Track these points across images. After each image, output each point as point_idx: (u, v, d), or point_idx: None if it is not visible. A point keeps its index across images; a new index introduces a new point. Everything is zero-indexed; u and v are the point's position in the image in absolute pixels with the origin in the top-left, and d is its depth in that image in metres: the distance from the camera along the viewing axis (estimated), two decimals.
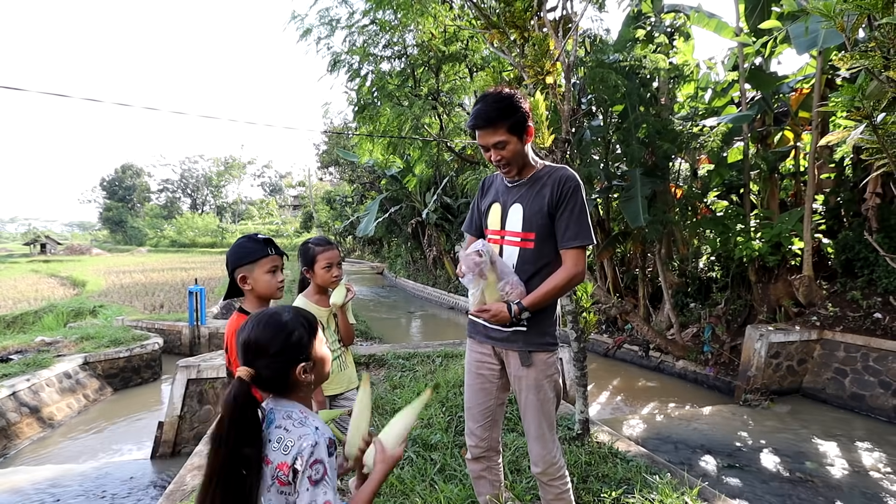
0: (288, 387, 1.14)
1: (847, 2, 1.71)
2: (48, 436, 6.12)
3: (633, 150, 7.36)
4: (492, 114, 1.69)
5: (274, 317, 1.13)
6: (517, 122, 1.70)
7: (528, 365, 1.80)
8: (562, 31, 3.51)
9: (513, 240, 1.83)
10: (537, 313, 1.79)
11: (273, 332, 1.11)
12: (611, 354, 8.69)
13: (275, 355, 1.10)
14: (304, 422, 1.09)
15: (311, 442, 1.04)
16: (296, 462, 1.03)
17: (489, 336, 1.88)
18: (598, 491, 2.64)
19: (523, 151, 1.77)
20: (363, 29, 10.52)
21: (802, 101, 7.68)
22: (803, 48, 5.68)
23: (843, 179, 7.90)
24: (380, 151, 12.86)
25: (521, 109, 1.71)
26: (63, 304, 12.84)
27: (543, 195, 1.76)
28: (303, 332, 1.14)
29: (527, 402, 1.85)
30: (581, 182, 1.78)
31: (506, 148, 1.72)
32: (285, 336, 1.11)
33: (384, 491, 2.72)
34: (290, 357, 1.12)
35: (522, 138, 1.73)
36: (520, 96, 1.73)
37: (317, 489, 1.03)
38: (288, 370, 1.12)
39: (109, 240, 60.52)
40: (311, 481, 1.03)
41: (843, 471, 4.53)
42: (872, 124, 1.91)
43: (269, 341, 1.10)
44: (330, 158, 32.26)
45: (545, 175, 1.80)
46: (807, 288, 6.85)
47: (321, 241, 2.29)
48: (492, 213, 1.91)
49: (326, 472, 1.05)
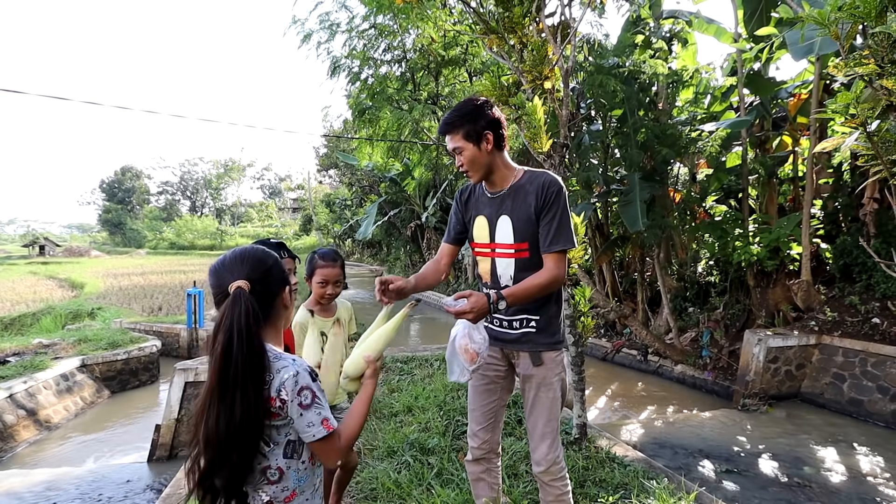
0: (270, 314, 1.17)
1: (841, 10, 1.72)
2: (45, 438, 6.10)
3: (632, 155, 7.38)
4: (450, 120, 1.75)
5: (265, 245, 1.25)
6: (474, 129, 1.73)
7: (538, 364, 1.86)
8: (560, 36, 3.53)
9: (505, 252, 1.86)
10: (545, 316, 1.85)
11: (266, 253, 1.19)
12: (609, 358, 8.68)
13: (270, 270, 1.17)
14: (279, 357, 1.12)
15: (291, 373, 1.09)
16: (281, 393, 1.07)
17: (498, 339, 1.91)
18: (596, 496, 2.63)
19: (482, 159, 1.77)
20: (363, 33, 10.55)
21: (801, 106, 7.71)
22: (800, 55, 5.70)
23: (841, 184, 7.92)
24: (379, 155, 12.90)
25: (483, 118, 1.74)
26: (61, 307, 12.83)
27: (529, 203, 1.79)
28: (283, 265, 1.23)
29: (535, 399, 1.89)
30: (563, 185, 1.80)
31: (462, 154, 1.76)
32: (275, 260, 1.21)
33: (381, 495, 2.72)
34: (280, 277, 1.19)
35: (480, 146, 1.75)
36: (488, 106, 1.76)
37: (308, 412, 1.09)
38: (277, 291, 1.18)
39: (108, 242, 60.49)
40: (302, 406, 1.08)
41: (841, 476, 4.53)
42: (867, 131, 1.92)
43: (265, 256, 1.18)
44: (329, 161, 32.32)
45: (527, 182, 1.82)
46: (805, 293, 6.86)
47: (327, 254, 2.24)
48: (477, 226, 1.93)
49: (315, 395, 1.11)
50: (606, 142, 8.33)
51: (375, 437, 3.46)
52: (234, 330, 1.04)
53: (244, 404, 1.02)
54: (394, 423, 3.67)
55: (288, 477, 1.13)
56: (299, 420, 1.09)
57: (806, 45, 5.35)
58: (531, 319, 1.85)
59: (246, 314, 1.05)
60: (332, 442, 1.14)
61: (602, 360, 8.78)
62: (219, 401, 1.02)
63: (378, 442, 3.37)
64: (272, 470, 1.11)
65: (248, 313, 1.06)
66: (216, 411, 1.02)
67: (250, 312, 1.06)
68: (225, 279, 1.12)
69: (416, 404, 4.01)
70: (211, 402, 1.03)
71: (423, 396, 4.16)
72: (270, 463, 1.11)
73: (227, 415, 1.02)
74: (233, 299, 1.07)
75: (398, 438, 3.33)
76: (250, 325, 1.05)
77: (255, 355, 1.05)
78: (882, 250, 6.42)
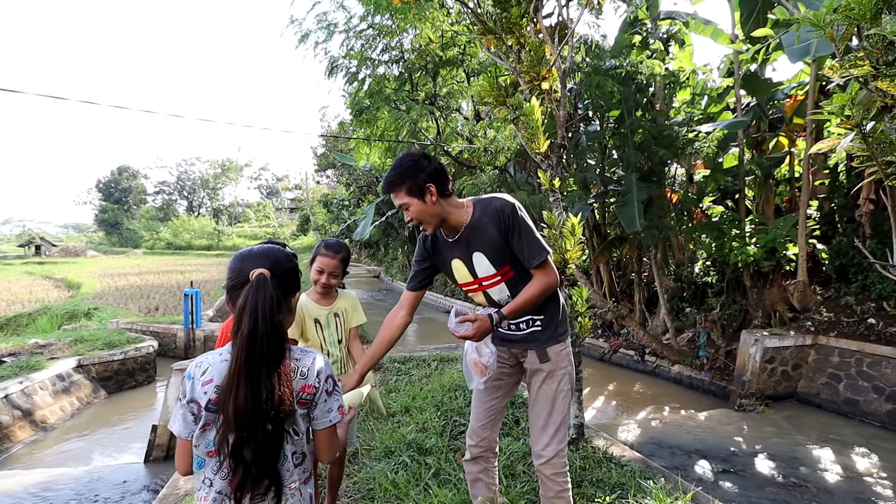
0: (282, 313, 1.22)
1: (836, 12, 1.73)
2: (41, 439, 6.07)
3: (629, 156, 7.40)
4: (391, 179, 1.77)
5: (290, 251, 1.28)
6: (415, 184, 1.75)
7: (545, 360, 1.92)
8: (558, 37, 3.54)
9: (493, 281, 1.90)
10: (548, 314, 1.92)
11: (290, 258, 1.25)
12: (606, 359, 8.70)
13: (289, 272, 1.22)
14: (304, 350, 1.22)
15: (323, 363, 1.21)
16: (317, 381, 1.18)
17: (505, 339, 1.98)
18: (593, 496, 2.64)
19: (431, 210, 1.79)
20: (360, 33, 10.54)
21: (797, 107, 7.74)
22: (796, 56, 5.73)
23: (837, 185, 7.96)
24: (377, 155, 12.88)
25: (422, 171, 1.76)
26: (57, 307, 12.78)
27: (492, 233, 1.82)
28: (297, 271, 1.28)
29: (539, 391, 1.94)
30: (514, 202, 1.83)
31: (410, 209, 1.78)
32: (296, 266, 1.26)
33: (378, 495, 2.72)
34: (295, 280, 1.24)
35: (425, 199, 1.77)
36: (425, 158, 1.79)
37: (331, 398, 1.21)
38: (290, 292, 1.23)
39: (105, 242, 60.21)
40: (327, 393, 1.20)
41: (838, 476, 4.55)
42: (862, 132, 1.94)
43: (288, 260, 1.23)
44: (327, 162, 32.28)
45: (481, 215, 1.84)
46: (801, 293, 6.88)
47: (332, 245, 2.28)
48: (455, 269, 1.95)
49: (336, 384, 1.23)
50: (604, 142, 8.35)
51: (373, 438, 3.45)
52: (258, 312, 1.08)
53: (269, 384, 1.08)
54: (391, 424, 3.67)
55: (308, 460, 1.22)
56: (322, 405, 1.19)
57: (802, 47, 5.38)
58: (536, 320, 1.92)
59: (270, 299, 1.10)
60: (336, 433, 1.24)
61: (599, 360, 8.79)
62: (247, 380, 1.07)
63: (375, 442, 3.37)
64: (297, 454, 1.19)
65: (272, 298, 1.10)
66: (245, 390, 1.06)
67: (274, 298, 1.11)
68: (247, 266, 1.16)
69: (413, 405, 4.01)
70: (239, 382, 1.07)
71: (421, 397, 4.17)
72: (297, 449, 1.19)
73: (254, 393, 1.07)
74: (256, 284, 1.11)
75: (395, 439, 3.33)
76: (274, 309, 1.10)
77: (278, 338, 1.11)
78: (877, 251, 6.45)
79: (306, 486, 1.22)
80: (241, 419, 1.06)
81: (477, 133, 10.57)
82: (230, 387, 1.07)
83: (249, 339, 1.07)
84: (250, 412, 1.06)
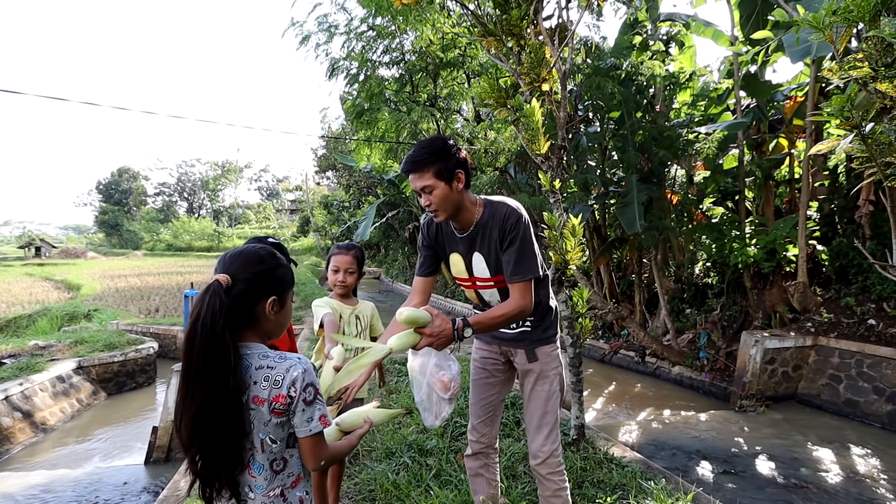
0: (251, 318, 1.17)
1: (835, 14, 1.74)
2: (41, 441, 6.07)
3: (630, 157, 7.41)
4: (420, 158, 1.68)
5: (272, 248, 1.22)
6: (445, 167, 1.68)
7: (533, 360, 1.94)
8: (558, 39, 3.55)
9: (486, 284, 1.91)
10: (539, 315, 1.93)
11: (262, 258, 1.18)
12: (607, 360, 8.70)
13: (261, 273, 1.16)
14: (283, 356, 1.16)
15: (300, 370, 1.13)
16: (290, 390, 1.12)
17: (496, 337, 2.01)
18: (594, 496, 2.64)
19: (454, 198, 1.73)
20: (361, 35, 10.56)
21: (797, 108, 7.75)
22: (797, 57, 5.74)
23: (837, 187, 7.96)
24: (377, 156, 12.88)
25: (452, 156, 1.70)
26: (57, 308, 12.77)
27: (494, 238, 1.79)
28: (286, 275, 1.22)
29: (531, 392, 1.96)
30: (523, 213, 1.78)
31: (433, 193, 1.69)
32: (276, 265, 1.20)
33: (379, 496, 2.72)
34: (269, 283, 1.17)
35: (452, 184, 1.71)
36: (453, 143, 1.73)
37: (311, 408, 1.14)
38: (261, 297, 1.16)
39: (105, 243, 60.24)
40: (306, 402, 1.14)
41: (838, 477, 4.54)
42: (862, 134, 1.94)
43: (260, 259, 1.17)
44: (327, 163, 32.26)
45: (489, 218, 1.79)
46: (801, 294, 6.88)
47: (343, 244, 2.37)
48: (454, 263, 1.95)
49: (318, 392, 1.16)
50: (604, 144, 8.36)
51: (374, 439, 3.46)
52: (198, 321, 1.06)
53: (204, 394, 1.05)
54: (392, 425, 3.67)
55: (291, 464, 1.19)
56: (300, 415, 1.14)
57: (802, 48, 5.39)
58: (527, 319, 1.92)
59: (210, 307, 1.06)
60: (321, 442, 1.18)
61: (600, 361, 8.79)
62: (185, 390, 1.07)
63: (376, 443, 3.37)
64: (278, 461, 1.16)
65: (212, 307, 1.06)
66: (182, 400, 1.07)
67: (216, 307, 1.06)
68: (217, 268, 1.15)
69: (414, 405, 4.00)
70: (179, 391, 1.07)
71: None
72: (275, 456, 1.16)
73: (190, 404, 1.06)
74: (204, 291, 1.09)
75: (396, 440, 3.33)
76: (215, 318, 1.06)
77: (216, 348, 1.06)
78: (877, 252, 6.46)
79: (294, 489, 1.19)
80: (186, 430, 1.07)
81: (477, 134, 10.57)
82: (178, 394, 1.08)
83: (187, 346, 1.06)
84: (188, 424, 1.06)
